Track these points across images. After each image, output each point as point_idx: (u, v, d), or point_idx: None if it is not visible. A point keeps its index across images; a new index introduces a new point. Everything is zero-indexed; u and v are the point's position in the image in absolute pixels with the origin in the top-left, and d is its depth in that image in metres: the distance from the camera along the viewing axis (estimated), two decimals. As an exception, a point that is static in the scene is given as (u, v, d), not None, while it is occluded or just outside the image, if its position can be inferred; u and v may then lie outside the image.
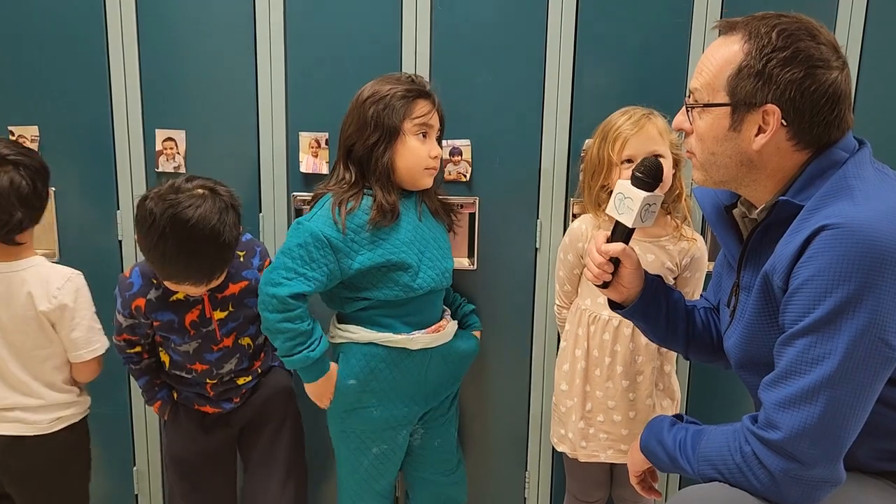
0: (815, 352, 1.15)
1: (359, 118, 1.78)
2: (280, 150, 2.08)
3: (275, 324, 1.73)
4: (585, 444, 1.95)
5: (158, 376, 1.95)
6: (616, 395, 1.91)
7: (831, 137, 1.25)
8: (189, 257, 1.67)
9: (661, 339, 1.62)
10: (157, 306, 1.81)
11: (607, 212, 1.50)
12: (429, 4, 2.00)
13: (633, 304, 1.53)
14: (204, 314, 1.82)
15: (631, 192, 1.43)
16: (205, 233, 1.65)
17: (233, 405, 1.94)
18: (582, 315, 1.94)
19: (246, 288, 1.85)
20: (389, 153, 1.78)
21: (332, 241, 1.74)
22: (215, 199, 1.70)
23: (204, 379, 1.89)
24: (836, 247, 1.13)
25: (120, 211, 2.12)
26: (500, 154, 2.08)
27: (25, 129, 2.04)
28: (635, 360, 1.90)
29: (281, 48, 2.03)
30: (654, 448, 1.40)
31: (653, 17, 2.01)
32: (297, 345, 1.75)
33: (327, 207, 1.77)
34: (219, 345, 1.85)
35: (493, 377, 2.22)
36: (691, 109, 1.32)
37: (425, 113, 1.80)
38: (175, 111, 2.07)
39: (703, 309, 1.62)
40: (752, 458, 1.21)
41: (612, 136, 1.83)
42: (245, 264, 1.87)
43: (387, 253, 1.78)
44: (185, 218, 1.64)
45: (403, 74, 1.85)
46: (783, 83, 1.21)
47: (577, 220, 1.99)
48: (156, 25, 2.03)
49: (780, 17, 1.24)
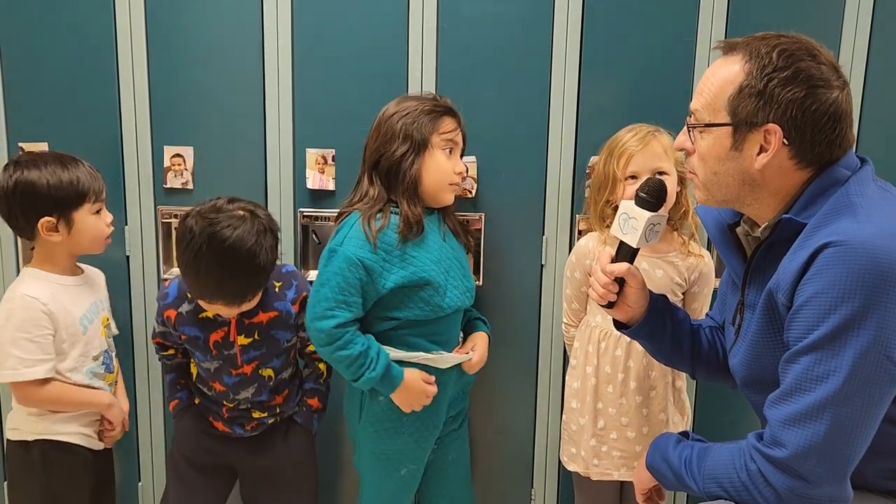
0: (820, 369, 1.15)
1: (386, 131, 1.78)
2: (287, 166, 2.09)
3: (330, 355, 1.76)
4: (598, 462, 1.94)
5: (185, 377, 1.97)
6: (630, 412, 1.90)
7: (833, 156, 1.25)
8: (223, 277, 1.68)
9: (668, 359, 1.62)
10: (185, 320, 1.83)
11: (612, 232, 1.50)
12: (435, 22, 2.02)
13: (638, 323, 1.53)
14: (228, 337, 1.83)
15: (635, 213, 1.43)
16: (240, 254, 1.66)
17: (243, 431, 1.93)
18: (592, 332, 1.93)
19: (275, 318, 1.84)
20: (417, 165, 1.77)
21: (367, 263, 1.73)
22: (254, 221, 1.70)
23: (221, 400, 1.90)
24: (839, 264, 1.13)
25: (128, 227, 2.13)
26: (506, 171, 2.09)
27: (35, 145, 2.06)
28: (649, 376, 1.90)
29: (288, 65, 2.05)
30: (660, 466, 1.39)
31: (657, 34, 2.02)
32: (357, 368, 1.75)
33: (357, 227, 1.76)
34: (238, 370, 1.85)
35: (499, 393, 2.21)
36: (693, 129, 1.32)
37: (452, 129, 1.82)
38: (183, 128, 2.09)
39: (709, 328, 1.62)
40: (758, 476, 1.21)
41: (618, 153, 1.85)
42: (279, 295, 1.85)
43: (418, 271, 1.77)
44: (223, 238, 1.65)
45: (427, 93, 1.88)
46: (784, 102, 1.21)
47: (583, 237, 2.00)
48: (165, 43, 2.06)
49: (780, 38, 1.25)
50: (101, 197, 1.85)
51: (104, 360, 1.94)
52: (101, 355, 1.92)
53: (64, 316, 1.83)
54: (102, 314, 1.96)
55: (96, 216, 1.85)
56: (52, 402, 1.85)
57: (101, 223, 1.87)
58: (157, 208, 2.13)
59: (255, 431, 1.94)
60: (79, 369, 1.87)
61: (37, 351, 1.79)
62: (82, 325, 1.87)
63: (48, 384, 1.81)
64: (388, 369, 1.78)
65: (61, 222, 1.80)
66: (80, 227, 1.82)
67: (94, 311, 1.92)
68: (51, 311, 1.80)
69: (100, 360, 1.92)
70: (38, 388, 1.81)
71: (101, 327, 1.94)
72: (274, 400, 1.93)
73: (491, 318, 2.14)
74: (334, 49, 2.04)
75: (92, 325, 1.90)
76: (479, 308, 2.10)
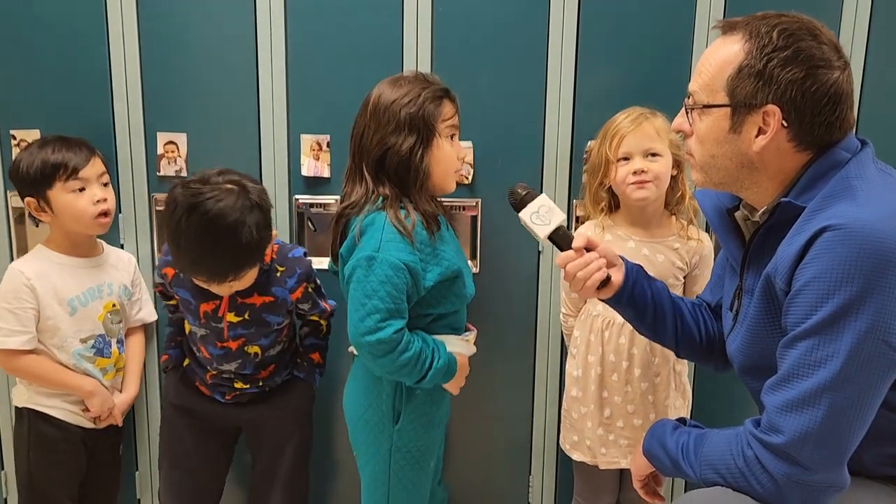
0: (818, 354, 1.14)
1: (388, 120, 1.65)
2: (281, 152, 2.07)
3: (392, 364, 1.63)
4: (605, 451, 1.93)
5: (181, 334, 1.97)
6: (636, 399, 1.90)
7: (833, 138, 1.24)
8: (202, 252, 1.62)
9: (651, 330, 1.58)
10: (181, 282, 1.81)
11: (542, 237, 1.55)
12: (430, 5, 2.00)
13: (619, 289, 1.50)
14: (217, 310, 1.80)
15: (523, 217, 1.54)
16: (221, 228, 1.59)
17: (224, 401, 1.92)
18: (594, 321, 1.93)
19: (270, 303, 1.81)
20: (427, 159, 1.67)
21: (410, 265, 1.62)
22: (242, 195, 1.62)
23: (206, 366, 1.89)
24: (838, 248, 1.11)
25: (122, 214, 2.12)
26: (503, 156, 2.07)
27: (27, 132, 2.04)
28: (652, 363, 1.89)
29: (282, 50, 2.03)
30: (657, 452, 1.39)
31: (655, 17, 2.00)
32: (422, 365, 1.67)
33: (390, 229, 1.63)
34: (223, 343, 1.84)
35: (496, 380, 2.21)
36: (691, 111, 1.30)
37: (453, 114, 1.73)
38: (176, 114, 2.07)
39: (691, 303, 1.61)
40: (755, 462, 1.20)
41: (611, 134, 1.85)
42: (279, 281, 1.81)
43: (451, 264, 1.70)
44: (204, 209, 1.58)
45: (417, 74, 1.75)
46: (784, 83, 1.19)
47: (582, 225, 1.98)
48: (157, 29, 2.03)
49: (780, 17, 1.23)
50: (76, 175, 1.85)
51: (96, 343, 1.95)
52: (92, 338, 1.94)
53: (48, 293, 1.88)
54: (108, 299, 1.97)
55: (74, 194, 1.86)
56: (29, 375, 1.92)
57: (81, 201, 1.87)
58: (151, 196, 2.11)
59: (233, 401, 1.92)
60: (65, 349, 1.91)
61: (15, 322, 1.85)
62: (71, 305, 1.91)
63: (26, 356, 1.87)
64: (448, 359, 1.73)
65: (42, 202, 1.87)
66: (56, 206, 1.86)
67: (92, 294, 1.94)
68: (33, 286, 1.86)
69: (89, 343, 1.94)
70: (14, 357, 1.87)
71: (102, 311, 1.96)
72: (259, 374, 1.91)
73: (488, 305, 2.13)
74: (328, 33, 2.02)
75: (85, 308, 1.93)
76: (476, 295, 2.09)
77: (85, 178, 1.87)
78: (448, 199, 2.01)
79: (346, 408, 1.87)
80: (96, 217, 1.89)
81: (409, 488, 1.84)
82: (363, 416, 1.82)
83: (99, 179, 1.91)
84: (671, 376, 1.92)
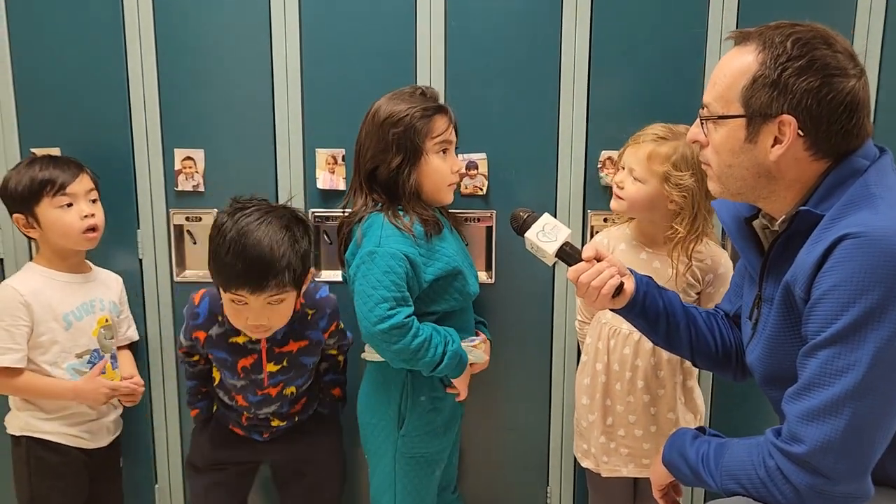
0: (839, 363, 1.13)
1: (378, 141, 1.75)
2: (297, 167, 2.09)
3: (409, 348, 1.68)
4: (607, 459, 1.93)
5: (206, 385, 1.98)
6: (637, 410, 1.89)
7: (850, 146, 1.23)
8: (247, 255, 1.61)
9: (665, 340, 1.58)
10: (215, 343, 1.83)
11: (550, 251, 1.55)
12: (443, 19, 2.01)
13: (630, 299, 1.50)
14: (259, 364, 1.84)
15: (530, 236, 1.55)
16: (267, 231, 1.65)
17: (262, 439, 1.95)
18: (602, 329, 1.92)
19: (304, 347, 1.86)
20: (415, 175, 1.76)
21: (411, 256, 1.70)
22: (285, 213, 1.73)
23: (242, 411, 1.91)
24: (858, 256, 1.11)
25: (140, 230, 2.14)
26: (517, 168, 2.08)
27: (47, 150, 2.06)
28: (657, 375, 1.88)
29: (297, 66, 2.05)
30: (677, 462, 1.38)
31: (668, 28, 2.00)
32: (435, 349, 1.71)
33: (388, 225, 1.72)
34: (263, 391, 1.87)
35: (513, 391, 2.20)
36: (706, 122, 1.30)
37: (444, 130, 1.78)
38: (193, 130, 2.10)
39: (706, 313, 1.61)
40: (777, 472, 1.19)
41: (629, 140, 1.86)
42: (311, 324, 1.86)
43: (450, 261, 1.77)
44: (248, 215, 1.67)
45: (415, 89, 1.83)
46: (799, 92, 1.19)
47: (599, 233, 1.99)
48: (174, 47, 2.06)
49: (794, 27, 1.23)
50: (63, 190, 1.87)
51: (91, 359, 1.96)
52: (87, 353, 1.95)
53: (44, 309, 1.89)
54: (101, 314, 1.99)
55: (61, 210, 1.88)
56: (19, 391, 1.91)
57: (68, 217, 1.88)
58: (169, 211, 2.13)
59: (270, 438, 1.95)
60: (59, 364, 1.91)
61: (7, 339, 1.85)
62: (66, 320, 1.92)
63: (17, 375, 1.87)
64: (458, 345, 1.77)
65: (30, 219, 1.89)
66: (44, 222, 1.88)
67: (86, 309, 1.96)
68: (28, 303, 1.87)
69: (85, 358, 1.95)
70: (4, 376, 1.86)
71: (96, 326, 1.97)
72: (293, 409, 1.94)
73: (504, 316, 2.13)
74: (342, 49, 2.04)
75: (80, 322, 1.94)
76: (491, 305, 2.10)
77: (72, 193, 1.88)
78: (462, 211, 2.03)
79: (358, 412, 1.92)
80: (84, 232, 1.90)
81: (413, 494, 1.87)
82: (371, 421, 1.88)
83: (87, 195, 1.92)
84: (678, 391, 1.90)
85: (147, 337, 2.19)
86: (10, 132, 2.09)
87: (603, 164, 2.05)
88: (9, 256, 2.15)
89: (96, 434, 2.00)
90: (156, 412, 2.24)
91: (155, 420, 2.24)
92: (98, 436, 2.00)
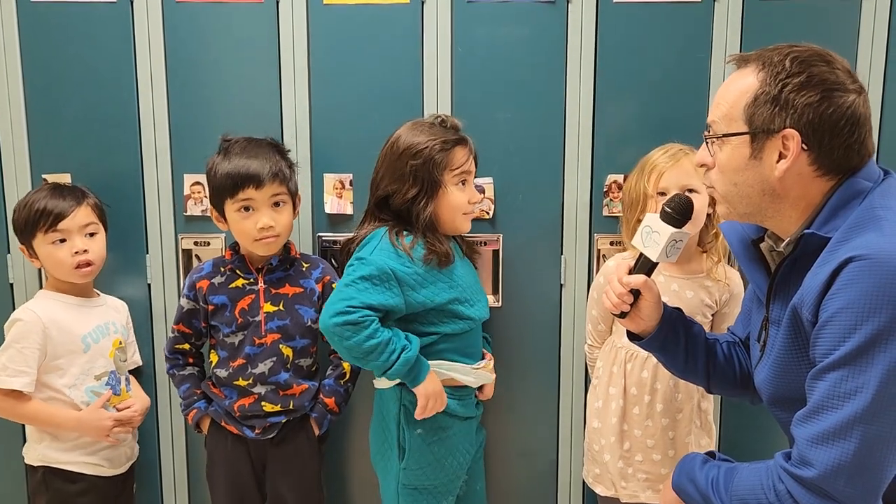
0: (847, 385, 1.12)
1: (395, 171, 1.76)
2: (305, 191, 2.10)
3: (359, 349, 1.67)
4: (625, 485, 1.91)
5: (199, 387, 1.99)
6: (656, 434, 1.88)
7: (852, 163, 1.24)
8: (248, 152, 1.86)
9: (681, 372, 1.59)
10: (216, 290, 1.93)
11: (633, 243, 1.49)
12: (449, 45, 2.03)
13: (650, 335, 1.51)
14: (256, 303, 1.90)
15: (659, 227, 1.42)
16: (261, 139, 1.92)
17: (253, 435, 1.93)
18: (618, 353, 1.92)
19: (300, 294, 1.94)
20: (431, 206, 1.76)
21: (398, 273, 1.71)
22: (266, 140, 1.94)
23: (238, 377, 1.91)
24: (865, 279, 1.11)
25: (149, 255, 2.15)
26: (523, 191, 2.09)
27: (58, 176, 2.09)
28: (675, 398, 1.88)
29: (305, 91, 2.07)
30: (686, 487, 1.37)
31: (671, 53, 2.02)
32: (391, 352, 1.69)
33: (386, 240, 1.75)
34: (261, 339, 1.90)
35: (521, 415, 2.20)
36: (711, 143, 1.32)
37: (464, 161, 1.78)
38: (203, 156, 2.09)
39: (726, 343, 1.60)
40: (787, 496, 1.18)
41: (648, 169, 1.85)
42: (305, 274, 1.97)
43: (448, 287, 1.77)
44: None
45: (436, 118, 1.83)
46: (800, 107, 1.20)
47: (611, 258, 1.99)
48: (184, 72, 2.09)
49: (792, 47, 1.25)
50: (55, 227, 1.89)
51: (109, 381, 1.97)
52: (105, 375, 1.96)
53: (63, 333, 1.90)
54: (115, 336, 2.01)
55: (54, 246, 1.90)
56: (25, 418, 1.93)
57: (60, 253, 1.91)
58: (178, 236, 2.15)
59: (263, 436, 1.93)
60: (78, 386, 1.92)
61: (20, 361, 1.86)
62: (84, 342, 1.93)
63: (25, 401, 1.88)
64: (418, 356, 1.74)
65: (30, 250, 1.94)
66: (40, 255, 1.93)
67: (102, 331, 1.98)
68: (45, 325, 1.88)
69: (103, 380, 1.96)
70: (13, 400, 1.87)
71: (112, 347, 1.99)
72: (290, 388, 1.92)
73: (511, 339, 2.13)
74: (350, 74, 2.07)
75: (97, 345, 1.96)
76: (498, 328, 2.10)
77: (65, 229, 1.90)
78: (469, 235, 2.03)
79: (370, 441, 1.94)
80: (75, 268, 1.92)
81: None
82: (378, 451, 1.90)
83: (82, 231, 1.93)
84: (694, 413, 1.90)
85: (154, 361, 2.19)
86: (22, 157, 2.11)
87: (609, 188, 2.06)
88: (19, 282, 2.16)
89: (114, 461, 1.99)
90: (162, 434, 2.23)
91: (161, 442, 2.24)
92: (116, 462, 2.00)
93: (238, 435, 1.95)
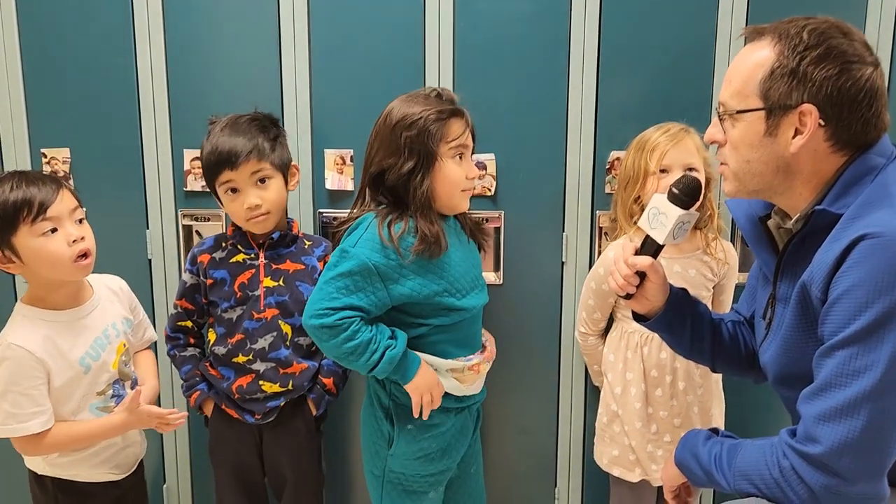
0: (857, 363, 1.12)
1: (390, 144, 1.67)
2: (306, 167, 2.09)
3: (338, 350, 1.64)
4: (656, 468, 1.92)
5: (198, 368, 1.98)
6: (682, 412, 1.90)
7: (868, 138, 1.23)
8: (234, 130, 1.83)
9: (687, 352, 1.60)
10: (217, 264, 1.92)
11: (639, 224, 1.48)
12: (451, 20, 2.01)
13: (656, 316, 1.51)
14: (256, 278, 1.90)
15: (666, 208, 1.40)
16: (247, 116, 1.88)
17: (253, 420, 1.93)
18: (630, 338, 1.93)
19: (301, 271, 1.93)
20: (428, 180, 1.67)
21: (381, 268, 1.63)
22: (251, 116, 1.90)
23: (237, 353, 1.89)
24: (877, 257, 1.10)
25: (150, 230, 2.14)
26: (525, 168, 2.08)
27: (57, 150, 2.07)
28: (696, 374, 1.90)
29: (305, 67, 2.05)
30: (689, 462, 1.38)
31: (676, 28, 2.00)
32: (372, 352, 1.63)
33: (372, 230, 1.66)
34: (260, 313, 1.89)
35: (520, 392, 2.20)
36: (724, 119, 1.30)
37: (460, 134, 1.70)
38: (203, 131, 2.06)
39: (731, 322, 1.60)
40: (791, 472, 1.19)
41: (650, 147, 1.84)
42: (307, 251, 1.97)
43: (436, 278, 1.69)
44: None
45: (431, 90, 1.76)
46: (819, 80, 1.19)
47: (609, 247, 1.98)
48: (183, 47, 2.06)
49: (808, 19, 1.23)
50: (43, 214, 1.60)
51: (113, 391, 1.79)
52: (108, 388, 1.77)
53: (57, 361, 1.67)
54: (117, 341, 1.80)
55: (45, 237, 1.60)
56: (58, 447, 1.70)
57: (53, 245, 1.61)
58: (178, 211, 2.13)
59: (263, 420, 1.93)
60: (82, 408, 1.73)
61: (29, 404, 1.64)
62: (83, 364, 1.71)
63: (47, 434, 1.66)
64: (406, 352, 1.68)
65: (6, 252, 1.62)
66: (26, 254, 1.61)
67: (101, 344, 1.76)
68: (42, 360, 1.64)
69: (107, 393, 1.77)
70: (36, 441, 1.66)
71: (116, 357, 1.79)
72: (290, 366, 1.91)
73: (511, 317, 2.13)
74: (351, 49, 2.04)
75: (97, 362, 1.74)
76: (499, 306, 2.09)
77: (55, 216, 1.61)
78: (471, 212, 2.02)
79: (360, 422, 1.90)
80: (75, 260, 1.63)
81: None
82: (366, 437, 1.85)
83: (72, 216, 1.65)
84: (712, 386, 1.93)
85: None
86: (21, 133, 2.10)
87: (611, 165, 2.05)
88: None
89: (123, 465, 1.85)
90: (167, 461, 2.24)
91: (166, 470, 2.24)
92: (125, 465, 1.86)
93: (237, 418, 1.95)
